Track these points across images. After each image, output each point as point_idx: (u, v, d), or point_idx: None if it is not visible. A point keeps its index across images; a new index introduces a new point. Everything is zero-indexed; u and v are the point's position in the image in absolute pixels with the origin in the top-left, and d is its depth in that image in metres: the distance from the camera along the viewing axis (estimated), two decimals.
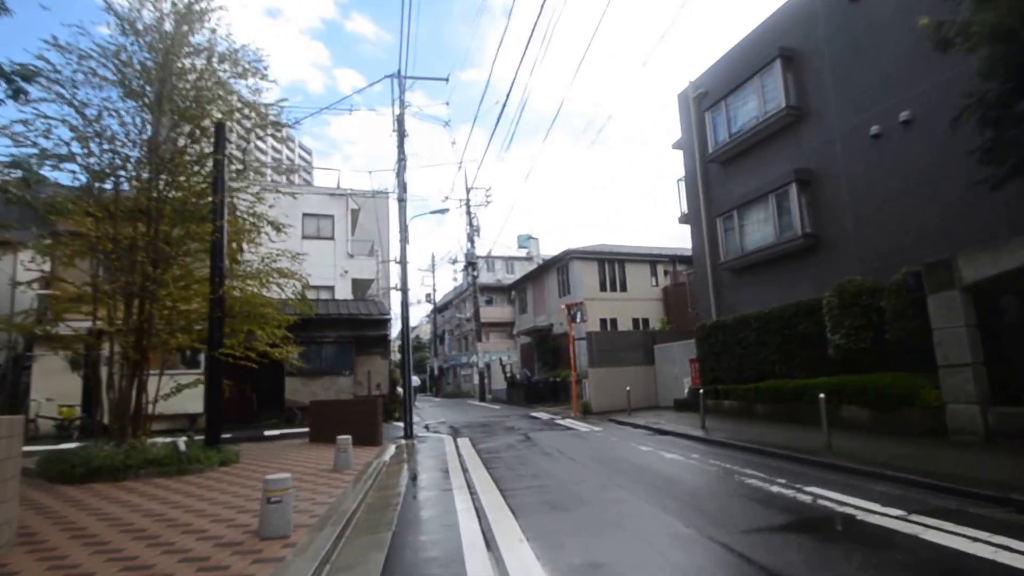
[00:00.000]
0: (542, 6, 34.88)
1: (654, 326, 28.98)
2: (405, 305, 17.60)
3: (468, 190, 39.74)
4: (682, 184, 20.75)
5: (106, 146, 12.04)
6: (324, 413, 16.37)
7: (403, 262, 17.82)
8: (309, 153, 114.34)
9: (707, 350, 17.39)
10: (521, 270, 46.48)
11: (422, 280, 77.73)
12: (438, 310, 64.17)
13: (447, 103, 39.36)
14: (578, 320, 21.87)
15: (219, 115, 13.22)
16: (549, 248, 41.62)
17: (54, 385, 20.00)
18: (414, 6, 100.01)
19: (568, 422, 18.32)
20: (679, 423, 15.17)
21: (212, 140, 12.78)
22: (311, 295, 29.95)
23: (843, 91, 14.23)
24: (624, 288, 30.82)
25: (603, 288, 30.03)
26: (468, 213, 39.93)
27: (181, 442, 11.09)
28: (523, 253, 56.49)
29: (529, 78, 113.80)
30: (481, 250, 41.11)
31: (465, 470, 10.31)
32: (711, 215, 18.75)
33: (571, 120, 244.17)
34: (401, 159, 18.35)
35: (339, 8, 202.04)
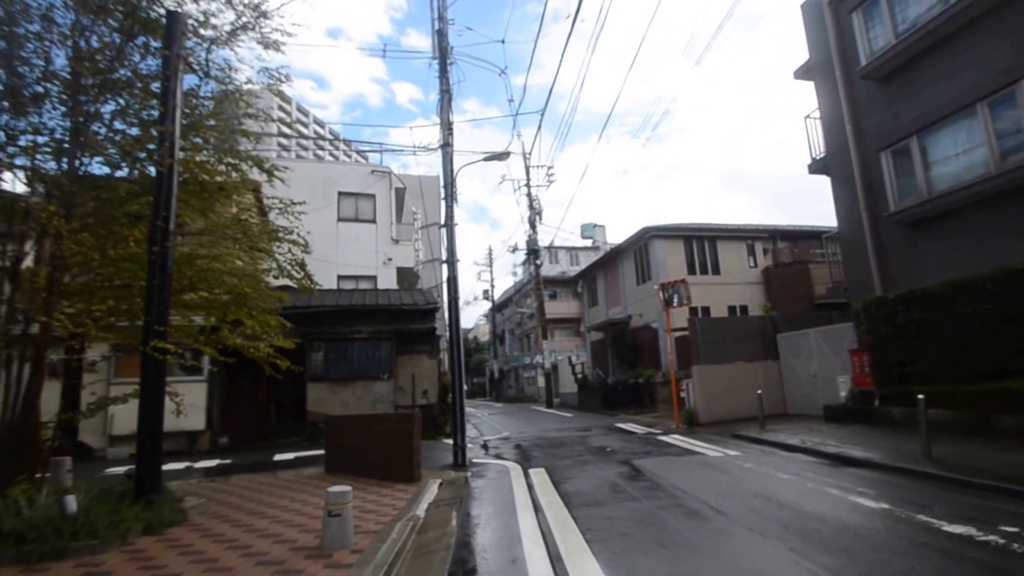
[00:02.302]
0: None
1: (753, 313, 23.71)
2: (453, 281, 12.87)
3: (528, 168, 35.05)
4: (814, 122, 15.57)
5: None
6: (343, 434, 11.87)
7: (449, 225, 13.13)
8: (322, 126, 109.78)
9: (887, 335, 12.04)
10: (587, 261, 41.45)
11: (479, 275, 72.70)
12: (497, 308, 59.58)
13: (502, 40, 34.27)
14: (675, 304, 16.83)
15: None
16: (616, 237, 36.60)
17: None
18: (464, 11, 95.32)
19: (675, 439, 13.33)
20: (855, 443, 10.11)
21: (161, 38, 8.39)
22: (348, 285, 25.91)
23: None
24: (716, 270, 25.58)
25: (691, 271, 24.87)
26: (529, 195, 35.22)
27: (71, 500, 6.56)
28: (587, 243, 51.53)
29: (584, 70, 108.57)
30: (542, 241, 36.35)
31: (558, 559, 5.44)
32: (865, 152, 13.51)
33: (626, 118, 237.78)
34: (444, 90, 13.67)
35: (395, 25, 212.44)
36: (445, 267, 13.08)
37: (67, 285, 8.36)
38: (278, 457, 14.91)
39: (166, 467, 13.42)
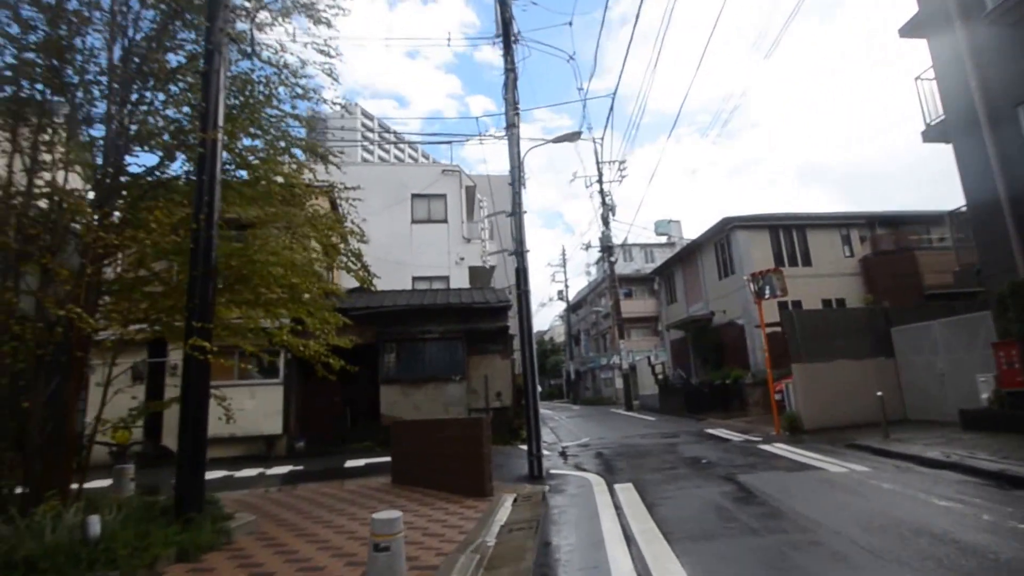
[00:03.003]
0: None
1: (851, 307, 21.45)
2: (522, 272, 11.51)
3: (599, 164, 33.47)
4: (927, 84, 13.50)
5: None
6: (409, 441, 10.71)
7: (517, 213, 11.77)
8: (401, 139, 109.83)
9: None
10: (662, 258, 39.44)
11: (552, 276, 71.37)
12: (572, 309, 57.99)
13: (569, 22, 32.75)
14: (766, 295, 15.02)
15: None
16: (692, 233, 34.54)
17: (112, 402, 15.93)
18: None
19: (780, 449, 11.60)
20: (1018, 458, 8.22)
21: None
22: (422, 286, 25.01)
23: None
24: (808, 262, 23.37)
25: (778, 263, 22.70)
26: (601, 191, 33.67)
27: (95, 522, 5.52)
28: (662, 240, 49.43)
29: (651, 74, 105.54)
30: (615, 240, 34.61)
31: None
32: (997, 110, 11.46)
33: (696, 116, 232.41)
34: (509, 69, 12.36)
35: (468, 42, 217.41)
36: (514, 258, 11.72)
37: (107, 280, 7.43)
38: (349, 464, 14.03)
39: (240, 474, 13.10)
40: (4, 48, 6.59)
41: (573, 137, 13.09)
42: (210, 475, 12.75)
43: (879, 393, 11.64)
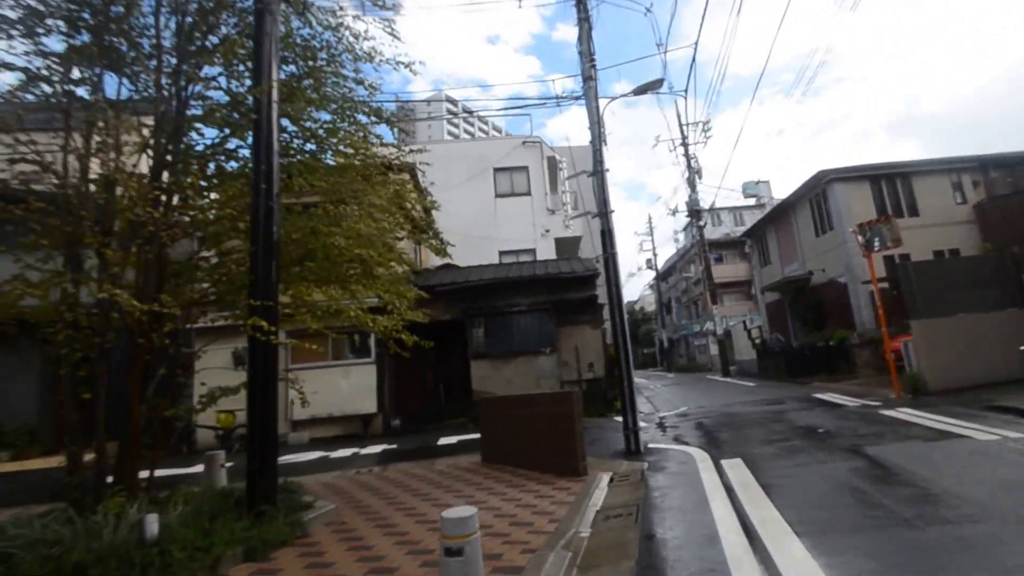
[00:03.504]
0: None
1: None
2: (608, 235, 10.31)
3: (683, 125, 31.58)
4: None
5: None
6: (497, 418, 9.82)
7: (599, 171, 10.56)
8: (485, 122, 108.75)
9: None
10: (752, 221, 37.01)
11: (640, 245, 68.83)
12: (661, 277, 55.95)
13: None
14: (875, 247, 13.20)
15: None
16: (782, 193, 31.99)
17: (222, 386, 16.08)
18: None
19: (906, 414, 10.00)
20: None
21: None
22: (509, 260, 24.09)
23: None
24: (914, 212, 20.93)
25: (882, 215, 20.51)
26: (686, 154, 31.81)
27: (152, 521, 4.87)
28: (751, 202, 46.77)
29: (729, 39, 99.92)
30: (702, 204, 32.64)
31: None
32: None
33: (779, 76, 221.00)
34: (582, 19, 11.12)
35: (546, 23, 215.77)
36: (598, 222, 10.54)
37: (174, 262, 6.83)
38: (442, 441, 13.33)
39: (335, 454, 12.61)
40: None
41: (655, 85, 11.67)
42: (307, 456, 12.67)
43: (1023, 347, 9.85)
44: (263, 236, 6.03)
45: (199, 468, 8.63)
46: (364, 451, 12.85)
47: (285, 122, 7.58)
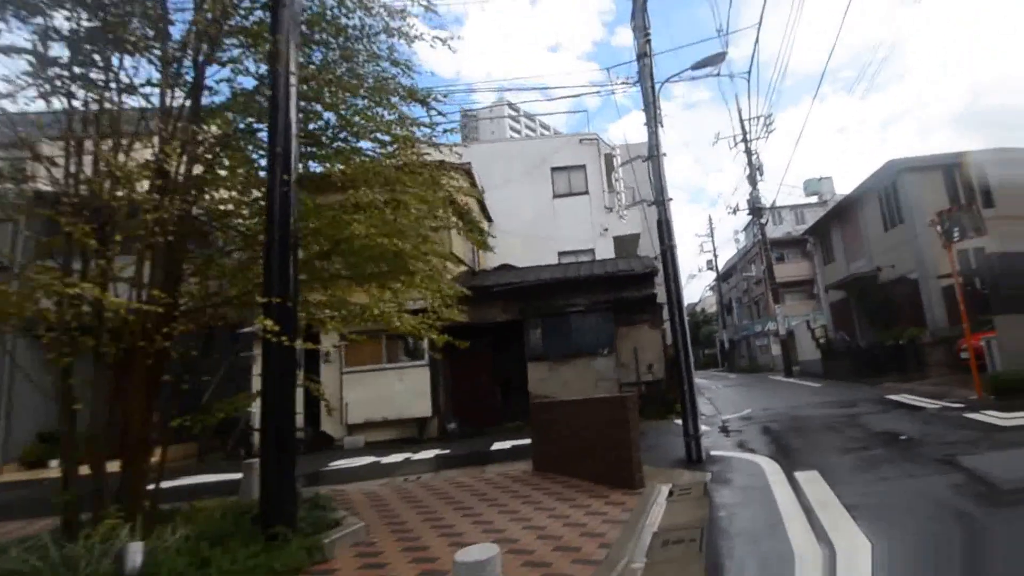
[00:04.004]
0: None
1: None
2: (665, 225, 9.31)
3: (743, 122, 30.01)
4: None
5: None
6: (549, 423, 9.02)
7: (655, 155, 9.58)
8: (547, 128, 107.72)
9: None
10: (814, 219, 34.94)
11: (701, 247, 66.61)
12: (722, 278, 53.94)
13: None
14: (956, 238, 11.79)
15: None
16: (845, 190, 29.82)
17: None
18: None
19: (997, 417, 8.66)
20: None
21: None
22: (568, 260, 23.20)
23: None
24: (989, 203, 19.05)
25: (932, 224, 18.73)
26: (747, 150, 30.19)
27: (134, 551, 4.22)
28: (813, 200, 44.57)
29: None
30: (763, 202, 30.93)
31: None
32: None
33: (839, 73, 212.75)
34: None
35: (606, 28, 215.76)
36: (656, 211, 9.58)
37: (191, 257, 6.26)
38: (496, 446, 12.51)
39: (386, 459, 11.92)
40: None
41: (717, 60, 10.58)
42: (359, 461, 12.04)
43: None
44: (279, 225, 5.31)
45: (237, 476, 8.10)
46: (416, 456, 12.25)
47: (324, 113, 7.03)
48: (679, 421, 9.34)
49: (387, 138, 7.16)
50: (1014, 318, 10.94)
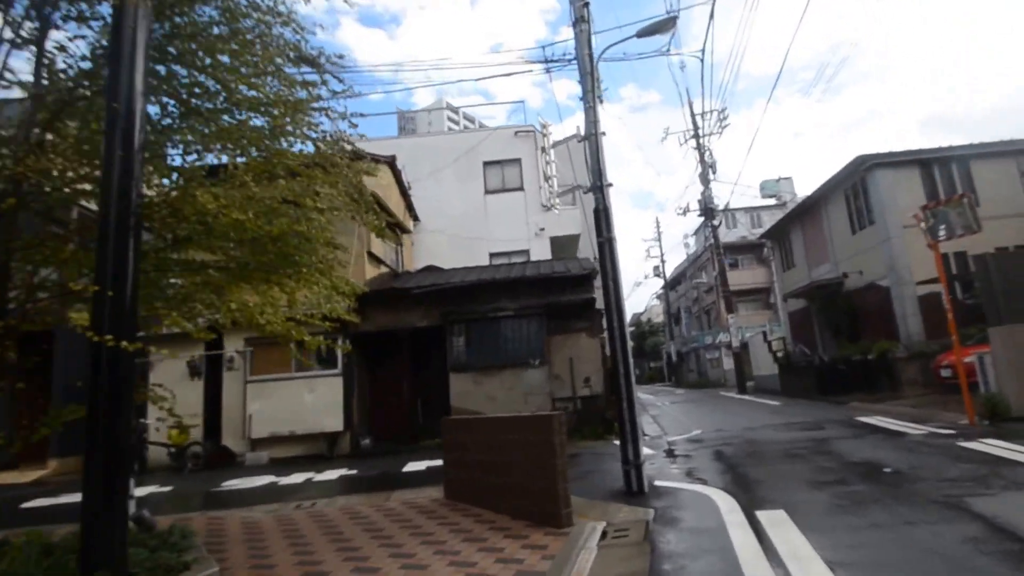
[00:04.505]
0: None
1: None
2: (603, 214, 8.23)
3: (694, 116, 29.58)
4: None
5: None
6: (461, 444, 8.15)
7: (593, 133, 8.52)
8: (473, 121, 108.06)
9: None
10: (771, 223, 34.84)
11: (647, 252, 66.40)
12: (670, 286, 53.98)
13: None
14: (941, 235, 11.18)
15: None
16: (808, 191, 29.49)
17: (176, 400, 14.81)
18: None
19: (998, 447, 7.97)
20: None
21: None
22: (501, 262, 22.21)
23: None
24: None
25: (917, 220, 18.44)
26: (698, 146, 29.82)
27: None
28: (770, 202, 44.92)
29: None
30: (716, 202, 30.52)
31: None
32: None
33: (798, 74, 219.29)
34: None
35: (550, 28, 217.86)
36: (593, 201, 8.53)
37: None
38: (409, 467, 11.65)
39: (285, 480, 11.32)
40: None
41: (666, 27, 9.62)
42: (256, 481, 11.47)
43: None
44: (116, 199, 4.36)
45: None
46: (319, 477, 11.44)
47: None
48: (619, 442, 8.30)
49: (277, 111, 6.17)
50: (1012, 328, 10.27)
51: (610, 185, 8.53)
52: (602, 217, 8.39)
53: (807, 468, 7.90)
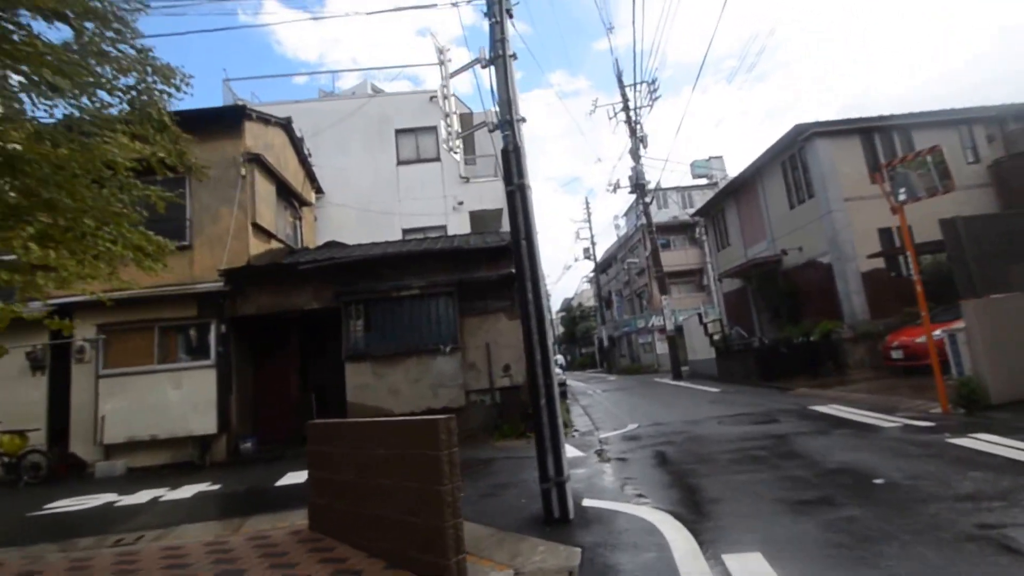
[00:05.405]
0: None
1: None
2: (514, 154, 6.47)
3: (624, 87, 28.14)
4: None
5: None
6: (329, 459, 6.06)
7: (499, 56, 6.72)
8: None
9: None
10: (703, 202, 33.78)
11: (577, 234, 65.03)
12: (601, 268, 52.79)
13: None
14: (903, 197, 9.77)
15: None
16: (739, 170, 28.22)
17: (6, 398, 12.71)
18: None
19: (994, 442, 6.58)
20: None
21: None
22: (415, 239, 20.26)
23: None
24: None
25: (876, 180, 17.48)
26: (628, 121, 28.41)
27: None
28: (702, 182, 44.10)
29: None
30: (647, 180, 29.23)
31: None
32: None
33: (723, 63, 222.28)
34: None
35: (478, 14, 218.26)
36: (497, 135, 6.71)
37: None
38: (286, 479, 9.60)
39: (126, 500, 9.18)
40: None
41: None
42: (89, 501, 9.29)
43: None
44: None
45: None
46: (170, 495, 9.30)
47: None
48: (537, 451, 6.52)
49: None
50: (987, 302, 8.92)
51: (522, 120, 6.70)
52: (512, 158, 6.54)
53: (774, 478, 6.28)
